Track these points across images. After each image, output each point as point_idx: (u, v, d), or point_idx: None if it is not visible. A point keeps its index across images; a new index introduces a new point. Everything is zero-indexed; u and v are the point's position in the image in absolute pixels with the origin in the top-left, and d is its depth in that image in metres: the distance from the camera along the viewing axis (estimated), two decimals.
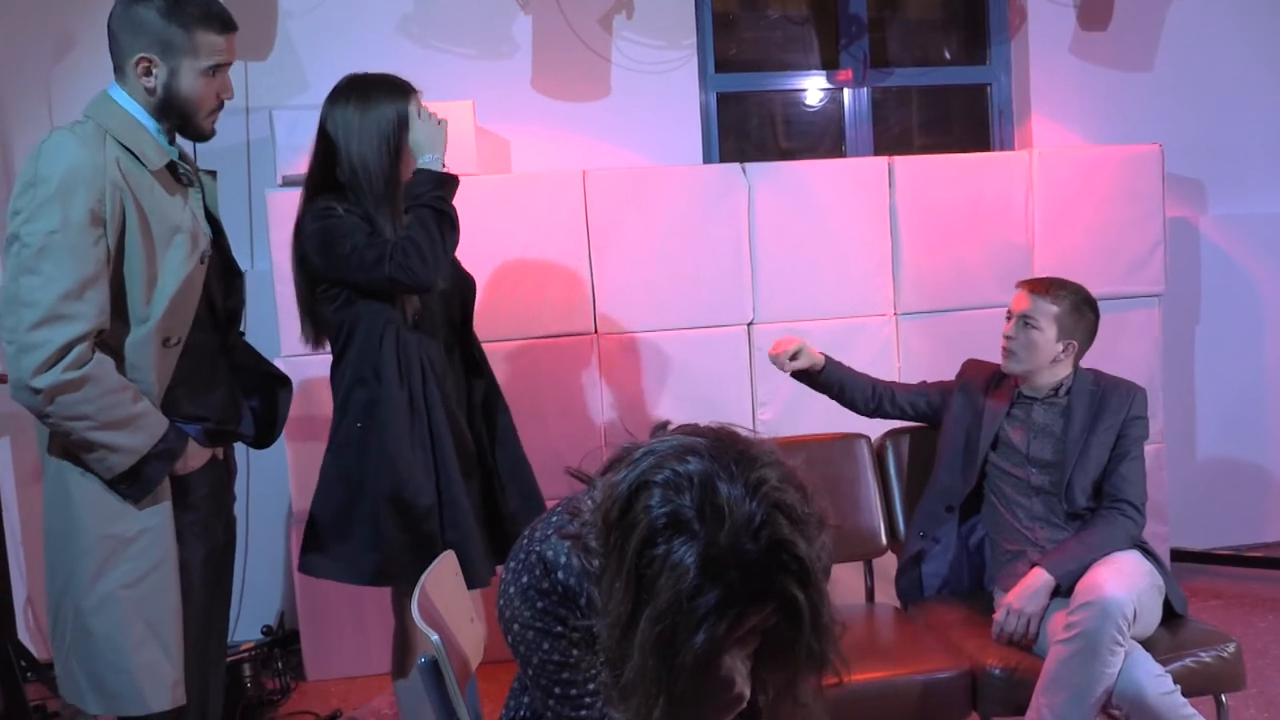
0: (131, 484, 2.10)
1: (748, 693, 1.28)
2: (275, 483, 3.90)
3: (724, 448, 1.24)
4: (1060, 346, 2.78)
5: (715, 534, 1.18)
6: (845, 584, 3.25)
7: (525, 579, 1.39)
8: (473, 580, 2.43)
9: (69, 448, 2.11)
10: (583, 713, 1.38)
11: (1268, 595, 4.04)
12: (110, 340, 2.09)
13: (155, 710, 2.16)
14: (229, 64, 2.23)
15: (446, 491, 2.49)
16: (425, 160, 2.49)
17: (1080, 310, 2.80)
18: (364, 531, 2.48)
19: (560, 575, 1.37)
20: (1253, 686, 3.14)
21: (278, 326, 3.55)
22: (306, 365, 3.51)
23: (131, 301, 2.11)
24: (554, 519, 1.42)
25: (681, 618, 1.18)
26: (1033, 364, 2.79)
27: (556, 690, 1.38)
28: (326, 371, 3.57)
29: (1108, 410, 2.75)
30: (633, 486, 1.23)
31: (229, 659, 3.08)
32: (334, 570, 2.53)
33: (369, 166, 2.47)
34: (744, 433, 1.29)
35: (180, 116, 2.19)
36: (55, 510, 2.15)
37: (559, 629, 1.37)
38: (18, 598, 3.48)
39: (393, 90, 2.52)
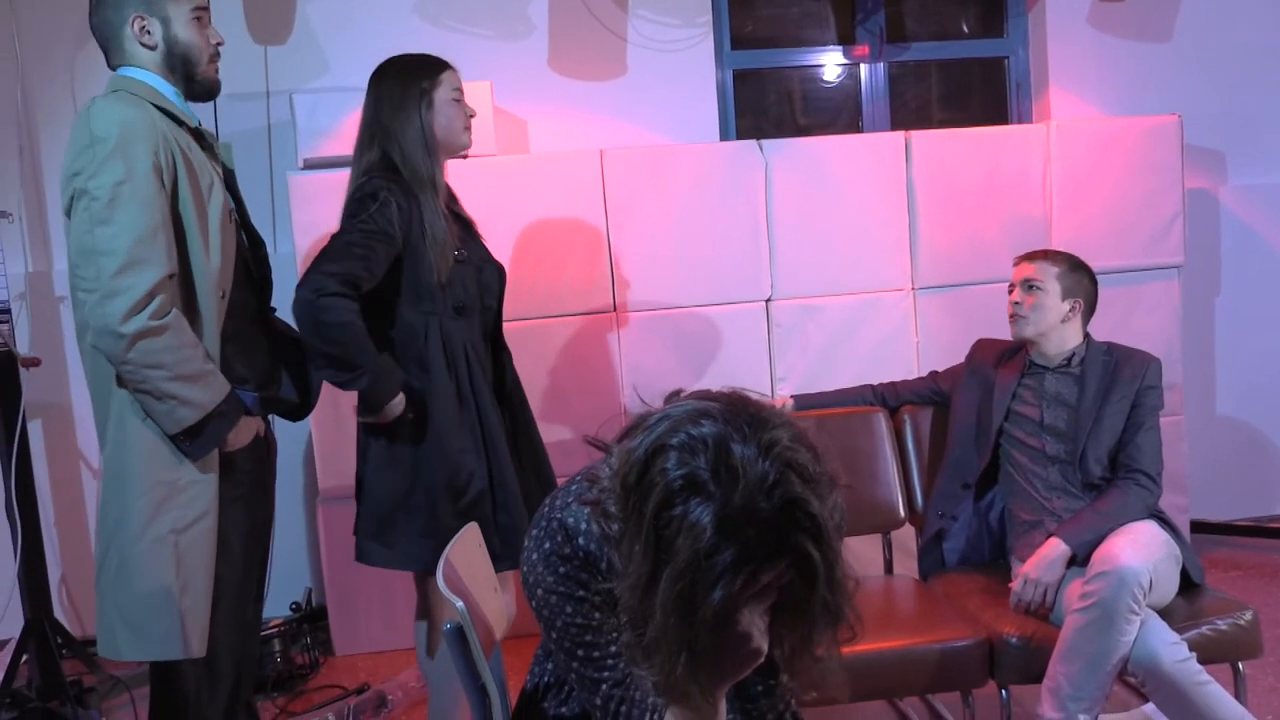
0: (193, 440, 2.18)
1: (765, 647, 1.32)
2: (300, 461, 3.96)
3: (736, 411, 1.27)
4: (1067, 306, 2.84)
5: (730, 493, 1.22)
6: (864, 556, 3.28)
7: (547, 545, 1.43)
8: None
9: (136, 398, 2.18)
10: (605, 673, 1.42)
11: None
12: (181, 292, 2.18)
13: (190, 655, 2.23)
14: (207, 10, 2.34)
15: (498, 475, 2.53)
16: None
17: (1078, 271, 2.88)
18: (419, 519, 2.51)
19: (581, 541, 1.42)
20: (1271, 655, 3.16)
21: None
22: None
23: (192, 250, 2.20)
24: (574, 488, 1.47)
25: (699, 575, 1.21)
26: (1043, 325, 2.84)
27: (580, 652, 1.43)
28: None
29: (1121, 380, 2.78)
30: (649, 451, 1.26)
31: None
32: (390, 559, 2.56)
33: (405, 149, 2.50)
34: (755, 396, 1.32)
35: (185, 65, 2.29)
36: (114, 457, 2.23)
37: (581, 593, 1.41)
38: (52, 578, 3.55)
39: (424, 69, 2.55)
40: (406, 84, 2.53)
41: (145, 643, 2.21)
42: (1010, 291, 2.92)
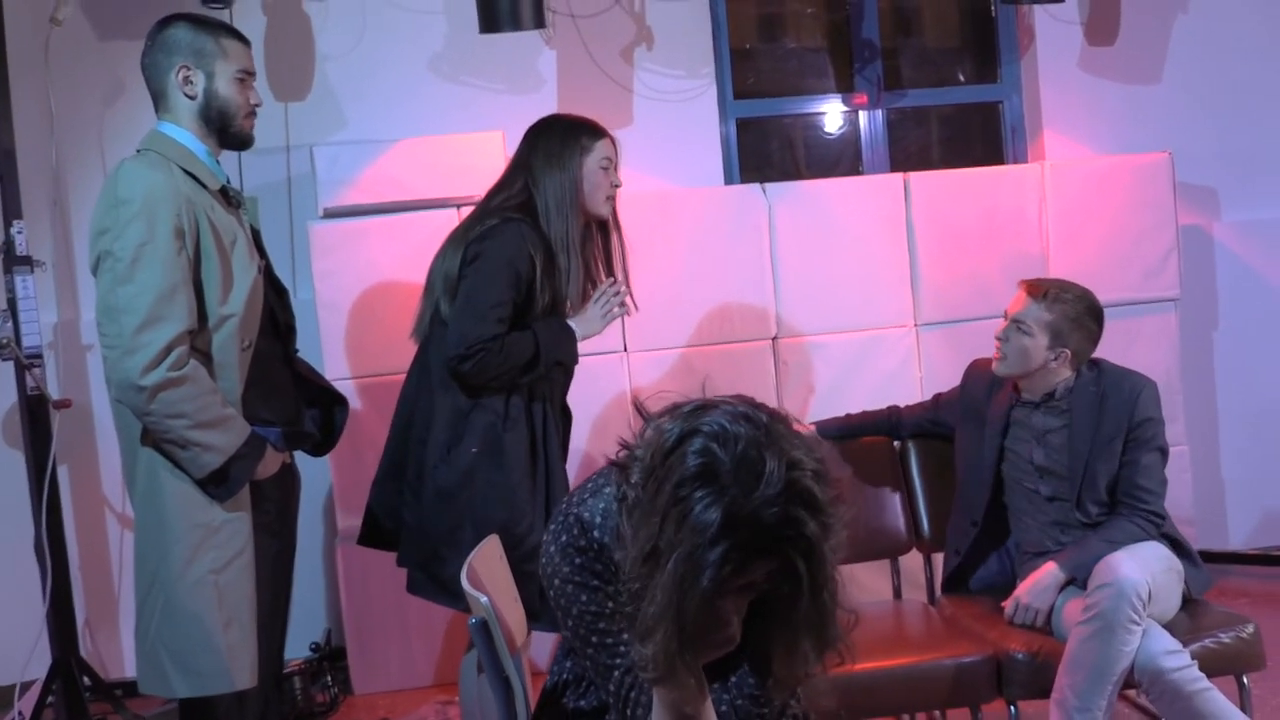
0: (220, 484, 2.28)
1: (738, 637, 1.42)
2: (321, 504, 4.04)
3: (778, 425, 1.38)
4: (1051, 354, 2.73)
5: (743, 494, 1.31)
6: (871, 584, 3.34)
7: (564, 538, 1.52)
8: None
9: (162, 446, 2.28)
10: (618, 660, 1.51)
11: None
12: (199, 344, 2.29)
13: (239, 687, 2.32)
14: (253, 75, 2.47)
15: None
16: (578, 329, 2.77)
17: (1079, 320, 2.73)
18: (464, 557, 2.54)
19: (596, 534, 1.51)
20: (1276, 674, 3.18)
21: (321, 353, 3.69)
22: (347, 389, 3.66)
23: (210, 306, 2.31)
24: (589, 485, 1.57)
25: (698, 557, 1.31)
26: (1021, 368, 2.77)
27: (594, 639, 1.51)
28: (367, 396, 3.74)
29: (1109, 411, 2.71)
30: (684, 432, 1.37)
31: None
32: (435, 594, 2.62)
33: (548, 203, 2.65)
34: (796, 425, 1.43)
35: (222, 118, 2.41)
36: (147, 505, 2.33)
37: (595, 583, 1.50)
38: (77, 619, 3.62)
39: (584, 131, 2.70)
40: (565, 140, 2.66)
41: (196, 678, 2.31)
42: (1004, 317, 2.85)
